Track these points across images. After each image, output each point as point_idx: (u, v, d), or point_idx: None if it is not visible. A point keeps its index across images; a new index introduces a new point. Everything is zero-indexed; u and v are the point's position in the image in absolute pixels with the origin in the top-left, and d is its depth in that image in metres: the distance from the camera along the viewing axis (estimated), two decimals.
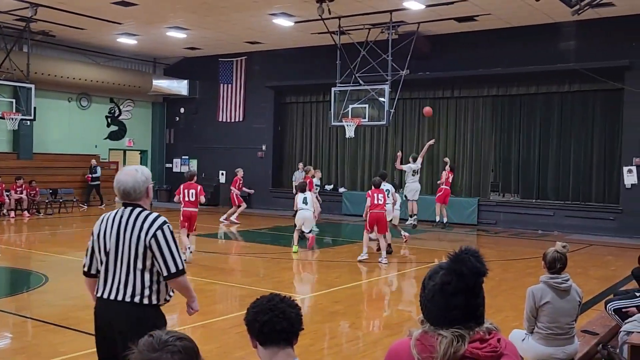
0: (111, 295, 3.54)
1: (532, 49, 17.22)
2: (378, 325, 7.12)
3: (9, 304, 7.95)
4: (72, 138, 22.45)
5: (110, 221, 3.60)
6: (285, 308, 2.34)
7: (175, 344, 1.77)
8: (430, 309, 1.91)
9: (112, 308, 3.53)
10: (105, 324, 3.58)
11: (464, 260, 1.89)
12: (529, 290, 4.80)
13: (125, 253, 3.51)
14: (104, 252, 3.59)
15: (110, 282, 3.55)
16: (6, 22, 17.79)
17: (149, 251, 3.49)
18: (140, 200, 3.63)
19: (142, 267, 3.51)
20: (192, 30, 19.12)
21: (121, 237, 3.53)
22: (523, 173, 18.73)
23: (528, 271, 10.88)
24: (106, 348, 3.59)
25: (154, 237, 3.49)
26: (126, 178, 3.60)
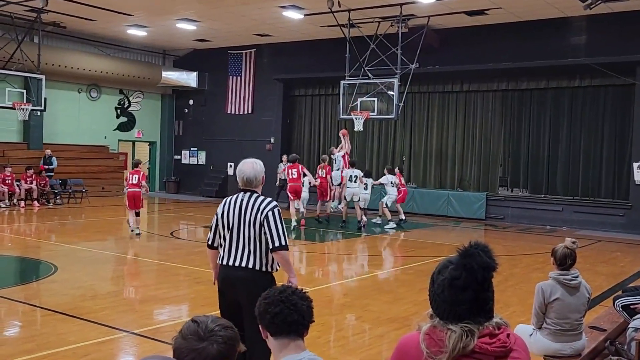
0: (235, 262, 4.33)
1: (543, 43, 17.11)
2: (385, 319, 7.13)
3: (19, 293, 8.02)
4: (82, 129, 22.55)
5: (232, 203, 4.40)
6: (297, 300, 2.35)
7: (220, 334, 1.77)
8: (439, 304, 1.90)
9: (236, 273, 4.31)
10: (229, 286, 4.38)
11: (473, 255, 1.89)
12: (538, 286, 4.78)
13: (247, 229, 4.31)
14: (228, 228, 4.37)
15: (234, 252, 4.34)
16: (17, 13, 17.86)
17: (261, 226, 4.26)
18: (257, 187, 4.44)
19: (259, 241, 4.29)
20: (202, 22, 19.12)
21: (242, 216, 4.32)
22: (532, 168, 18.65)
23: (536, 266, 10.85)
24: (226, 307, 4.41)
25: (266, 216, 4.26)
26: (248, 169, 4.42)
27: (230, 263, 4.34)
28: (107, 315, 6.91)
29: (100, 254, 11.72)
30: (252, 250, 4.30)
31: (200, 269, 9.73)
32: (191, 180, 24.62)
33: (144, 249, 12.40)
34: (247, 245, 4.31)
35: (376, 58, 16.68)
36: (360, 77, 17.02)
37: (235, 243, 4.34)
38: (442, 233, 16.07)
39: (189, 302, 7.98)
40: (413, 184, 20.37)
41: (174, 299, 8.14)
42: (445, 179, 20.13)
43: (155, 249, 12.49)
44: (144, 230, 14.68)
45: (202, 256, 11.33)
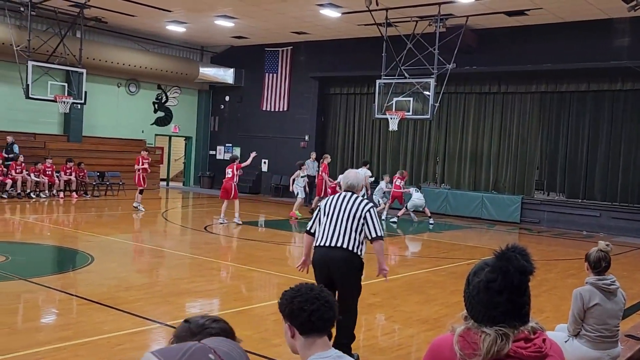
0: (332, 243, 5.32)
1: (584, 45, 16.78)
2: (415, 320, 7.10)
3: (56, 282, 8.22)
4: (120, 123, 22.96)
5: (336, 199, 5.51)
6: (328, 297, 2.35)
7: (212, 327, 1.80)
8: (475, 306, 1.88)
9: (333, 252, 5.31)
10: (324, 262, 5.35)
11: (510, 258, 1.86)
12: (577, 292, 4.69)
13: (345, 219, 5.36)
14: (329, 217, 5.42)
15: (330, 235, 5.35)
16: (61, 8, 18.26)
17: (362, 220, 5.36)
18: (358, 191, 5.63)
19: (355, 230, 5.35)
20: (240, 19, 19.27)
21: (343, 209, 5.39)
22: (570, 172, 18.32)
23: (571, 272, 10.67)
24: (324, 282, 4.90)
25: (368, 212, 5.40)
26: (352, 177, 5.66)
27: (329, 244, 5.33)
28: (141, 306, 7.03)
29: (136, 246, 11.94)
30: (348, 236, 5.32)
31: (232, 264, 9.84)
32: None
33: (177, 242, 12.58)
34: (345, 231, 5.33)
35: (413, 57, 16.58)
36: (396, 77, 16.93)
37: (334, 228, 5.36)
38: (475, 235, 15.91)
39: (220, 296, 8.08)
40: (447, 185, 20.23)
41: (206, 292, 8.25)
42: (479, 180, 19.91)
43: (189, 242, 12.66)
44: (179, 225, 14.91)
45: (234, 251, 11.47)
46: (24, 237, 12.26)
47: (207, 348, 1.61)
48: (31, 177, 18.18)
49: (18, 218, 14.77)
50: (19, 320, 6.54)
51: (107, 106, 22.44)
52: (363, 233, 5.38)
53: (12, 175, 17.81)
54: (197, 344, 1.62)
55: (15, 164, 17.93)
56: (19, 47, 17.32)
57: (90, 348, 5.54)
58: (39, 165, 18.45)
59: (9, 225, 13.81)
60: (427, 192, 19.71)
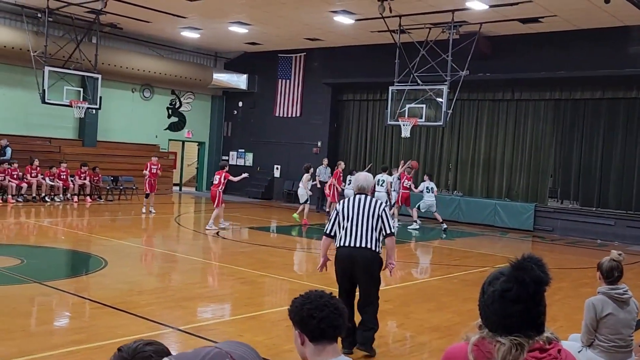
0: (356, 244, 5.81)
1: (599, 53, 16.69)
2: (427, 327, 7.08)
3: (70, 285, 8.28)
4: (134, 127, 23.13)
5: (352, 202, 5.96)
6: (337, 304, 2.35)
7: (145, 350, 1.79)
8: (489, 315, 1.87)
9: (357, 251, 5.81)
10: (349, 261, 5.85)
11: (526, 269, 1.85)
12: (589, 302, 4.65)
13: (365, 219, 5.84)
14: (348, 219, 5.88)
15: (354, 236, 5.83)
16: (77, 14, 18.47)
17: (378, 219, 5.85)
18: (368, 192, 6.06)
19: (374, 229, 5.86)
20: (254, 25, 19.37)
21: (361, 210, 5.88)
22: (584, 180, 18.20)
23: (584, 281, 10.59)
24: (347, 279, 5.94)
25: (383, 211, 5.91)
26: (362, 179, 6.13)
27: (352, 244, 5.82)
28: (154, 310, 7.07)
29: (148, 250, 12.01)
30: (370, 236, 5.84)
31: (244, 269, 9.86)
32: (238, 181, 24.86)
33: (190, 247, 12.63)
34: (366, 232, 5.84)
35: (426, 64, 16.57)
36: (409, 83, 16.93)
37: (355, 229, 5.85)
38: (488, 243, 15.83)
39: (232, 301, 8.10)
40: (459, 192, 20.16)
41: (218, 297, 8.28)
42: (492, 188, 19.83)
43: (201, 247, 12.71)
44: (191, 229, 14.97)
45: (246, 256, 11.49)
46: (39, 240, 12.37)
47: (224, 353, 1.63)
48: (46, 181, 18.35)
49: (33, 222, 14.91)
50: (33, 323, 6.60)
51: (121, 111, 22.61)
52: (379, 230, 5.90)
53: (28, 179, 17.98)
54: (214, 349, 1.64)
55: (31, 168, 18.10)
56: (36, 52, 17.54)
57: (104, 352, 5.57)
58: (54, 169, 18.62)
59: (24, 228, 13.95)
60: (439, 199, 19.67)
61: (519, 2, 14.57)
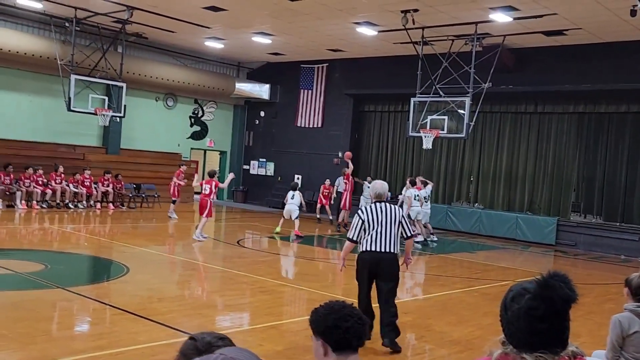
0: (383, 248, 6.45)
1: (624, 66, 16.52)
2: (447, 341, 7.03)
3: (92, 291, 8.37)
4: (157, 136, 23.37)
5: (376, 209, 6.54)
6: (361, 314, 2.36)
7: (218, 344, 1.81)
8: (514, 332, 1.85)
9: (382, 255, 6.46)
10: (375, 264, 6.48)
11: (554, 287, 1.82)
12: (615, 319, 4.56)
13: (390, 225, 6.49)
14: (373, 225, 6.47)
15: (382, 241, 6.45)
16: (104, 24, 18.78)
17: (399, 224, 6.53)
18: (384, 198, 6.70)
19: (397, 234, 6.54)
20: (277, 36, 19.52)
21: (388, 217, 6.50)
22: (607, 194, 17.96)
23: (608, 297, 10.44)
24: (369, 281, 6.59)
25: (402, 217, 6.58)
26: (379, 187, 6.77)
27: (379, 249, 6.44)
28: (174, 317, 7.11)
29: (169, 257, 12.10)
30: (394, 241, 6.50)
31: (264, 278, 9.88)
32: (258, 191, 25.04)
33: (210, 255, 12.69)
34: (391, 238, 6.48)
35: (448, 76, 16.53)
36: (431, 95, 16.90)
37: (382, 235, 6.46)
38: (509, 257, 15.68)
39: (252, 310, 8.12)
40: (480, 205, 20.02)
41: (238, 306, 8.30)
42: (514, 201, 19.66)
43: (222, 256, 12.76)
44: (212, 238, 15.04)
45: (266, 265, 11.52)
46: (62, 246, 12.53)
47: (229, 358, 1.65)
48: (70, 187, 18.60)
49: (57, 228, 15.11)
50: (55, 328, 6.68)
51: (145, 119, 22.87)
52: (400, 235, 6.61)
53: (52, 185, 18.25)
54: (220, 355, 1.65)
55: (56, 174, 18.36)
56: (63, 61, 17.85)
57: (125, 358, 5.63)
58: (78, 176, 18.87)
59: (48, 234, 14.14)
60: (460, 211, 19.56)
61: (544, 14, 14.49)
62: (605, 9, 13.71)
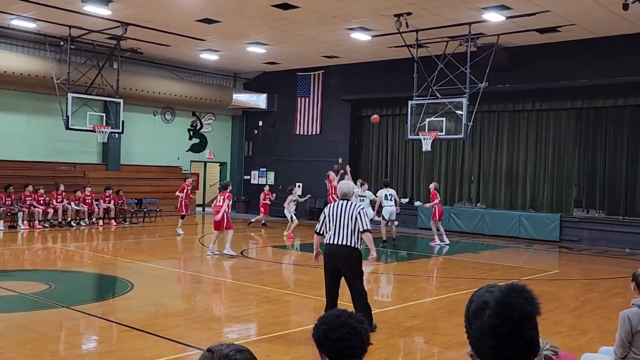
0: (338, 241, 7.02)
1: (620, 60, 16.54)
2: (455, 343, 7.00)
3: (97, 309, 8.35)
4: (157, 150, 23.39)
5: (337, 206, 7.15)
6: (355, 324, 2.32)
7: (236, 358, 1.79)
8: (480, 348, 1.77)
9: (337, 248, 7.02)
10: (332, 256, 7.08)
11: (514, 306, 1.72)
12: (624, 315, 4.53)
13: (345, 221, 7.02)
14: (332, 220, 7.09)
15: (337, 235, 7.03)
16: (99, 41, 18.83)
17: (355, 219, 6.98)
18: (350, 197, 7.30)
19: (353, 229, 6.99)
20: (272, 45, 19.56)
21: (343, 213, 7.06)
22: (609, 188, 17.94)
23: (615, 291, 10.40)
24: (331, 273, 7.18)
25: (358, 213, 7.02)
26: (345, 186, 7.43)
27: (336, 242, 7.03)
28: (181, 332, 7.10)
29: (174, 272, 12.08)
30: (349, 234, 7.00)
31: (269, 288, 9.86)
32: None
33: (215, 267, 12.67)
34: (346, 231, 7.00)
35: (444, 77, 16.56)
36: (428, 97, 16.91)
37: (339, 229, 7.03)
38: (514, 255, 15.65)
39: (258, 321, 8.10)
40: (482, 205, 20.00)
41: (244, 317, 8.28)
42: (516, 199, 19.63)
43: (226, 267, 12.74)
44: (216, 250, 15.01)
45: (271, 275, 11.50)
46: (66, 265, 12.52)
47: None
48: (71, 205, 18.60)
49: (60, 246, 15.10)
50: (62, 348, 6.66)
51: (143, 134, 22.90)
52: (357, 229, 7.00)
53: (54, 204, 18.25)
54: None
55: (57, 193, 18.37)
56: (59, 79, 17.89)
57: None
58: (79, 194, 18.88)
59: (51, 253, 14.13)
60: (462, 211, 19.54)
61: (536, 12, 14.52)
62: (598, 4, 13.74)
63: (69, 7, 15.55)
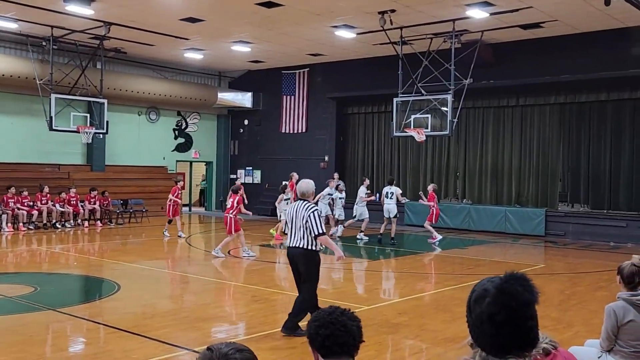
0: (292, 243, 7.02)
1: (602, 55, 16.69)
2: (442, 339, 7.03)
3: (84, 311, 8.29)
4: (142, 150, 23.25)
5: (294, 208, 7.03)
6: (346, 321, 2.33)
7: (235, 357, 1.78)
8: (480, 336, 1.80)
9: (292, 250, 7.05)
10: (289, 257, 7.11)
11: (511, 293, 1.75)
12: (610, 309, 4.56)
13: (299, 224, 6.90)
14: (290, 223, 7.05)
15: (294, 236, 6.98)
16: (82, 41, 18.66)
17: (307, 221, 6.83)
18: (309, 198, 7.10)
19: (306, 231, 6.85)
20: (256, 43, 19.51)
21: (296, 216, 6.94)
22: (593, 183, 18.11)
23: (600, 285, 10.50)
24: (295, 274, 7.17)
25: (309, 216, 6.84)
26: (303, 186, 7.15)
27: (290, 244, 7.05)
28: (169, 332, 7.06)
29: (161, 272, 12.02)
30: (302, 237, 6.90)
31: (257, 287, 9.85)
32: (247, 199, 24.91)
33: (202, 267, 12.63)
34: (299, 233, 6.91)
35: (429, 74, 16.62)
36: (414, 94, 16.96)
37: (294, 232, 6.98)
38: (500, 250, 15.75)
39: (246, 320, 8.09)
40: (468, 201, 20.11)
41: (232, 316, 8.26)
42: (501, 194, 19.76)
43: (213, 267, 12.70)
44: (203, 250, 14.97)
45: (258, 274, 11.48)
46: (51, 267, 12.42)
47: None
48: (56, 207, 18.45)
49: (45, 249, 14.97)
50: (49, 350, 6.61)
51: (128, 135, 22.76)
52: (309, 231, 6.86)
53: (38, 206, 18.09)
54: None
55: (41, 195, 18.21)
56: (42, 80, 17.73)
57: None
58: (63, 195, 18.72)
59: (36, 256, 14.00)
60: (448, 207, 19.63)
61: (520, 8, 14.61)
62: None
63: (50, 7, 15.41)
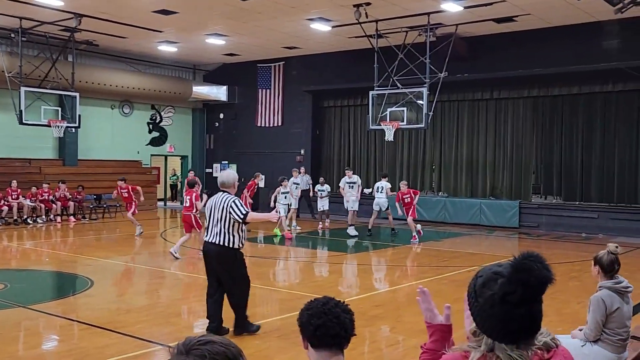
0: (210, 239, 6.51)
1: (574, 49, 16.89)
2: (418, 330, 7.07)
3: (56, 307, 8.17)
4: (115, 144, 22.96)
5: (213, 200, 6.56)
6: (340, 313, 2.32)
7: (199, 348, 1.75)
8: (487, 320, 1.73)
9: (208, 247, 6.56)
10: (205, 254, 6.66)
11: (530, 269, 1.70)
12: (598, 299, 4.57)
13: (217, 217, 6.42)
14: (208, 217, 6.54)
15: (210, 232, 6.54)
16: (52, 33, 18.31)
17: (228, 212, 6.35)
18: (229, 189, 6.57)
19: (225, 225, 6.39)
20: (231, 36, 19.35)
21: (216, 207, 6.47)
22: (566, 175, 18.36)
23: (572, 275, 10.66)
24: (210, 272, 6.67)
25: (230, 204, 6.40)
26: (224, 176, 6.63)
27: (207, 240, 6.53)
28: (143, 328, 6.99)
29: (135, 267, 11.89)
30: (220, 232, 6.42)
31: None
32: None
33: (177, 262, 12.52)
34: (217, 228, 6.44)
35: (405, 68, 16.66)
36: (389, 87, 16.99)
37: (211, 227, 6.48)
38: (475, 242, 15.90)
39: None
40: (444, 193, 20.25)
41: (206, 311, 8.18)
42: (476, 187, 19.94)
43: (187, 262, 12.61)
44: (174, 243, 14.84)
45: None
46: (22, 263, 12.20)
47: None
48: (27, 202, 18.13)
49: (15, 245, 14.70)
50: (21, 348, 6.49)
51: (101, 128, 22.45)
52: (235, 225, 6.41)
53: (8, 201, 17.75)
54: None
55: (11, 190, 17.88)
56: (11, 73, 17.37)
57: None
58: (34, 190, 18.40)
59: (6, 252, 13.75)
60: (424, 201, 19.73)
61: (493, 2, 14.70)
62: None
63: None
